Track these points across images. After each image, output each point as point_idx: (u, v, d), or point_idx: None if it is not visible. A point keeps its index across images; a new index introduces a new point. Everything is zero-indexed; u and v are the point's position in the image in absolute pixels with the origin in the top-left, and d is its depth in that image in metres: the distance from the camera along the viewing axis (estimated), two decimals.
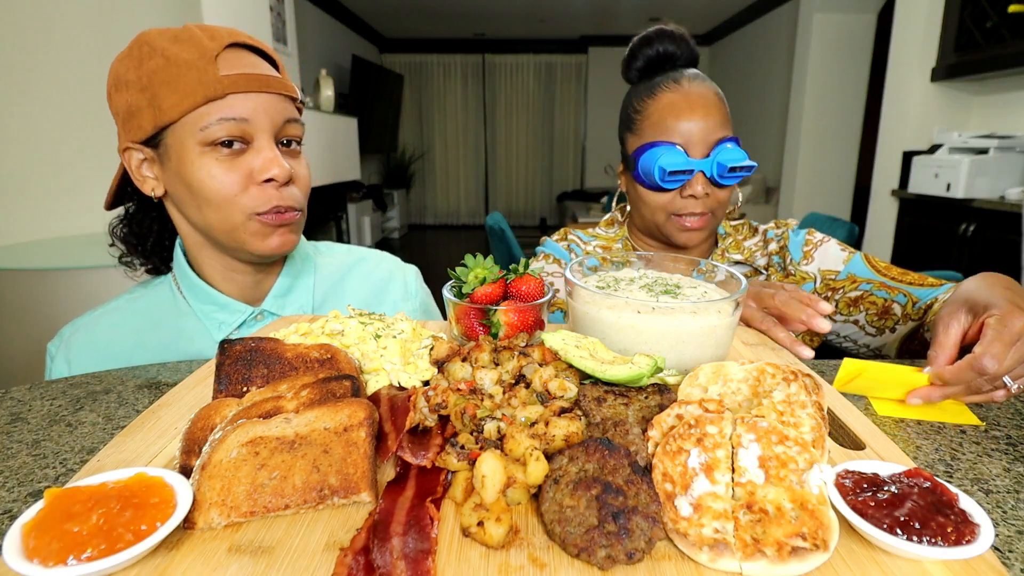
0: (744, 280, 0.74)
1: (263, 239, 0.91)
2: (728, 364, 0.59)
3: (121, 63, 0.87)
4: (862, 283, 1.16)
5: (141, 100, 0.84)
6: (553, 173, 10.67)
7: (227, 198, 0.86)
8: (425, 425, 0.55)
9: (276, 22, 4.10)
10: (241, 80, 0.84)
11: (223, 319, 0.99)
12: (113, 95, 0.88)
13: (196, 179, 0.85)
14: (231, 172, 0.86)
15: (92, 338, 0.99)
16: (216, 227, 0.89)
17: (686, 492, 0.44)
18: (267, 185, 0.88)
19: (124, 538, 0.40)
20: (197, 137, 0.84)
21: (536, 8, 8.00)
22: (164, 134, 0.85)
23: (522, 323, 0.72)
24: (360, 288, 1.13)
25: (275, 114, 0.88)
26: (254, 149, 0.87)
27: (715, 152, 1.10)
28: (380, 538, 0.42)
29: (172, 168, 0.87)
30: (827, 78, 5.68)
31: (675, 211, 1.15)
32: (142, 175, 0.91)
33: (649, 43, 1.19)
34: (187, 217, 0.93)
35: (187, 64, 0.82)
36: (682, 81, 1.13)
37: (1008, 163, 3.34)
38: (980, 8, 3.45)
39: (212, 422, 0.52)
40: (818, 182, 5.86)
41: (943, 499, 0.44)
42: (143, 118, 0.85)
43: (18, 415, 0.73)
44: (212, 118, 0.83)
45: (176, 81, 0.82)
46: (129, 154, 0.89)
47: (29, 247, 2.79)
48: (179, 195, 0.90)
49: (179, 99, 0.82)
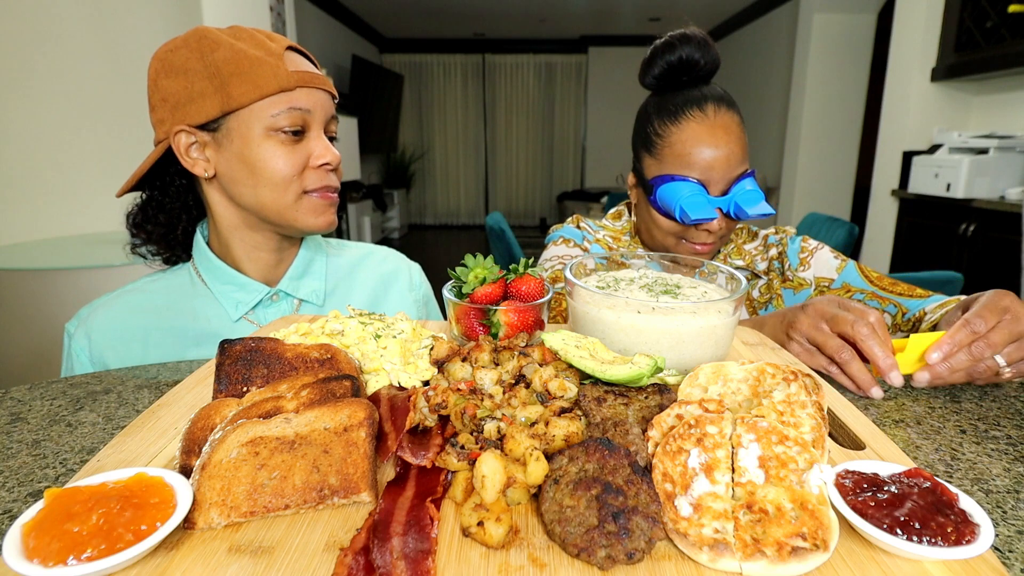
0: (744, 280, 0.74)
1: (316, 216, 1.01)
2: (728, 364, 0.59)
3: (176, 52, 0.93)
4: (856, 292, 1.17)
5: (207, 86, 0.91)
6: (553, 173, 10.67)
7: (286, 178, 0.96)
8: (425, 425, 0.55)
9: (276, 22, 4.10)
10: (306, 76, 0.95)
11: (240, 298, 1.04)
12: (161, 81, 0.94)
13: (260, 160, 0.94)
14: (292, 156, 0.95)
15: (111, 316, 1.02)
16: (269, 204, 0.97)
17: (686, 492, 0.44)
18: (321, 168, 0.99)
19: (124, 538, 0.40)
20: (266, 122, 0.93)
21: (536, 8, 8.00)
22: (228, 119, 0.93)
23: (522, 323, 0.72)
24: (368, 278, 1.20)
25: (327, 109, 1.00)
26: (309, 137, 0.98)
27: (734, 190, 1.09)
28: (380, 538, 0.42)
29: (233, 150, 0.94)
30: (827, 78, 5.68)
31: (687, 238, 1.15)
32: (191, 157, 0.96)
33: (671, 48, 1.13)
34: (235, 197, 0.99)
35: (257, 59, 0.92)
36: (707, 108, 1.10)
37: (1008, 163, 3.35)
38: (980, 8, 3.45)
39: (212, 422, 0.52)
40: (818, 182, 5.86)
41: (943, 499, 0.44)
42: (207, 103, 0.92)
43: (18, 415, 0.73)
44: (283, 107, 0.93)
45: (249, 72, 0.91)
46: (179, 137, 0.94)
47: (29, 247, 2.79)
48: (235, 175, 0.96)
49: (252, 88, 0.91)
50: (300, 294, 1.09)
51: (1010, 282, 2.93)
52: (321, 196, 1.00)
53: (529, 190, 10.81)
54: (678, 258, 0.87)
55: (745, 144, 1.12)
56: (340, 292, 1.15)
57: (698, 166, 1.09)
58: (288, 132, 0.94)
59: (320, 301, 1.11)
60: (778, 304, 1.26)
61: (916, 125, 4.00)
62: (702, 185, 1.09)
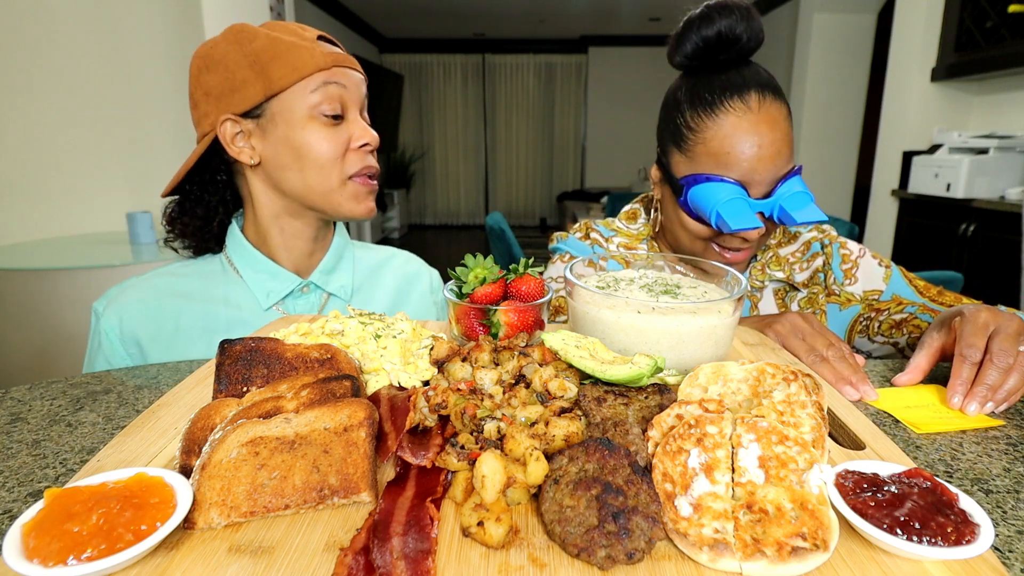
0: (744, 279, 0.74)
1: (357, 202, 1.04)
2: (728, 364, 0.59)
3: (215, 47, 0.97)
4: (908, 306, 1.07)
5: (248, 74, 0.95)
6: (553, 173, 10.67)
7: (331, 160, 0.99)
8: (425, 425, 0.55)
9: None
10: (339, 57, 1.00)
11: (272, 287, 1.06)
12: (203, 75, 0.98)
13: (305, 142, 0.97)
14: (334, 138, 0.98)
15: (143, 296, 1.04)
16: (315, 187, 1.00)
17: (686, 492, 0.44)
18: (362, 150, 1.02)
19: (124, 538, 0.40)
20: (307, 102, 0.96)
21: (536, 8, 7.99)
22: (270, 103, 0.96)
23: (522, 323, 0.72)
24: (392, 278, 1.23)
25: (361, 90, 1.05)
26: (349, 120, 1.01)
27: (779, 191, 0.96)
28: (380, 538, 0.42)
29: (278, 134, 0.97)
30: (827, 78, 5.68)
31: (720, 243, 1.02)
32: (237, 146, 0.99)
33: (708, 21, 0.96)
34: (280, 183, 1.01)
35: (293, 44, 0.96)
36: (750, 98, 0.95)
37: (1008, 163, 3.35)
38: (980, 8, 3.45)
39: (212, 422, 0.52)
40: (818, 182, 5.86)
41: (943, 499, 0.44)
42: (250, 90, 0.95)
43: (18, 415, 0.73)
44: (320, 83, 0.96)
45: (286, 56, 0.95)
46: (224, 126, 0.97)
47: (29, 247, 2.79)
48: (280, 160, 0.99)
49: (290, 70, 0.95)
50: (330, 288, 1.11)
51: (1010, 282, 2.93)
52: (362, 182, 1.03)
53: (529, 190, 10.81)
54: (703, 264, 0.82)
55: (792, 140, 0.98)
56: (366, 290, 1.17)
57: (738, 166, 0.95)
58: (328, 116, 0.97)
59: (348, 296, 1.13)
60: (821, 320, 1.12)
61: (916, 125, 4.00)
62: (742, 187, 0.95)
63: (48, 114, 3.07)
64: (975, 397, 0.72)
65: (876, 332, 1.11)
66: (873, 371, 0.88)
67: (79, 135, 3.17)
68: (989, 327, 0.76)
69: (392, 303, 1.19)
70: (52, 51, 3.03)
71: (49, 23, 3.01)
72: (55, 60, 3.05)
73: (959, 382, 0.74)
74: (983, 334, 0.76)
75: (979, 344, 0.75)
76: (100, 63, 3.18)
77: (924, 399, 0.76)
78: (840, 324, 1.15)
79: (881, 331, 1.10)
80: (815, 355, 0.81)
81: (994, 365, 0.73)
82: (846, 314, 1.14)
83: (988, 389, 0.72)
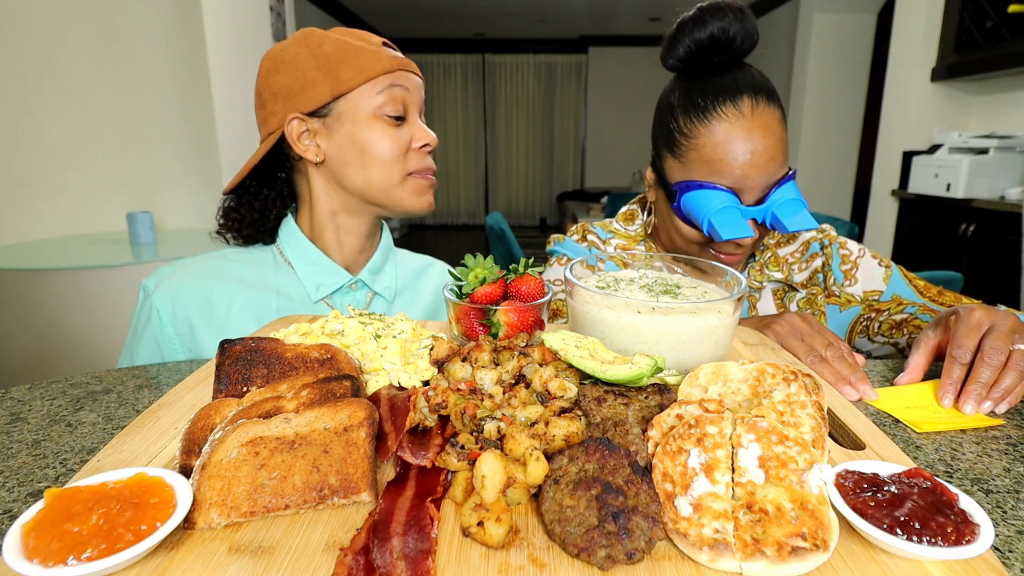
0: (744, 279, 0.74)
1: (419, 196, 1.08)
2: (728, 364, 0.59)
3: (286, 49, 1.02)
4: (908, 306, 1.07)
5: (317, 75, 0.99)
6: (553, 173, 10.67)
7: (394, 157, 1.02)
8: (425, 425, 0.55)
9: (276, 22, 4.10)
10: (403, 62, 1.04)
11: (323, 280, 1.09)
12: (272, 77, 1.02)
13: (369, 140, 1.01)
14: (396, 138, 1.03)
15: (197, 277, 1.05)
16: (377, 183, 1.04)
17: (686, 492, 0.44)
18: (422, 150, 1.06)
19: (124, 538, 0.40)
20: (373, 103, 1.00)
21: (536, 8, 7.99)
22: (337, 103, 1.00)
23: (522, 323, 0.72)
24: (432, 286, 1.25)
25: (421, 94, 1.09)
26: (409, 122, 1.06)
27: (772, 198, 0.95)
28: (380, 538, 0.42)
29: (344, 132, 1.01)
30: (827, 78, 5.68)
31: (714, 248, 1.02)
32: (304, 144, 1.03)
33: (701, 24, 0.95)
34: (343, 180, 1.05)
35: (361, 48, 1.00)
36: (743, 104, 0.94)
37: (1008, 163, 3.35)
38: (980, 8, 3.45)
39: (212, 422, 0.52)
40: (818, 182, 5.86)
41: (943, 499, 0.44)
42: (318, 89, 0.99)
43: (18, 415, 0.73)
44: (384, 84, 1.01)
45: (354, 59, 0.99)
46: (292, 125, 1.01)
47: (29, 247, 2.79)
48: (345, 157, 1.03)
49: (358, 71, 0.99)
50: (376, 287, 1.15)
51: (1010, 282, 2.93)
52: (423, 177, 1.07)
53: (529, 190, 10.81)
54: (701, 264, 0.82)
55: (786, 144, 0.97)
56: (407, 295, 1.20)
57: (731, 173, 0.94)
58: (391, 117, 1.01)
59: (391, 298, 1.17)
60: (820, 321, 1.12)
61: (916, 125, 4.00)
62: (734, 194, 0.95)
63: (48, 114, 3.07)
64: (970, 396, 0.72)
65: (876, 332, 1.10)
66: (873, 371, 0.88)
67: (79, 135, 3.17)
68: (983, 326, 0.76)
69: (431, 310, 1.21)
70: (52, 51, 3.03)
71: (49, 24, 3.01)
72: (55, 60, 3.05)
73: (948, 382, 0.75)
74: (975, 333, 0.76)
75: (969, 344, 0.75)
76: (100, 64, 3.18)
77: (924, 398, 0.76)
78: (840, 325, 1.15)
79: (881, 331, 1.09)
80: (814, 355, 0.81)
81: (986, 363, 0.73)
82: (846, 315, 1.14)
83: (982, 387, 0.72)
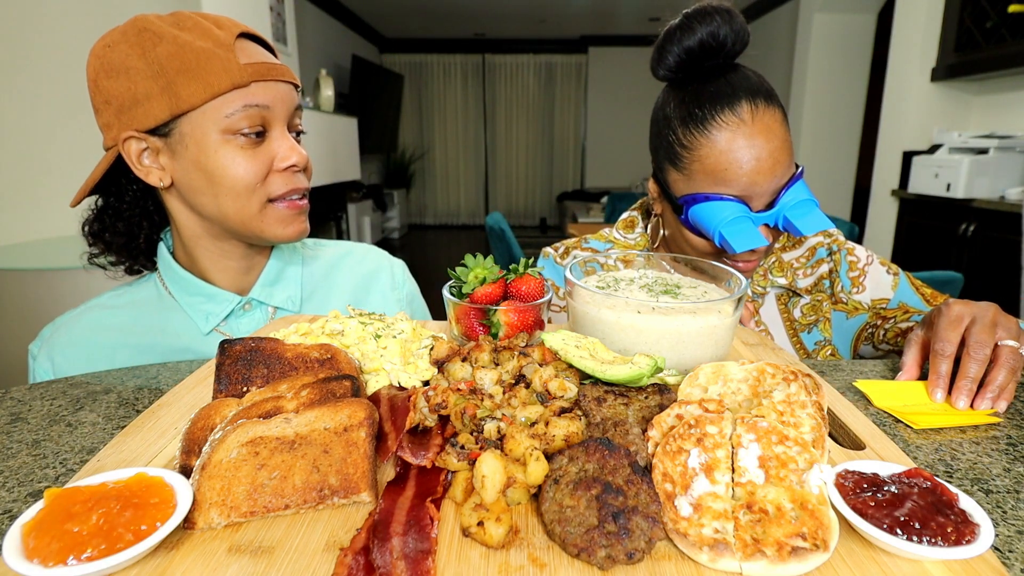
0: (744, 279, 0.74)
1: (284, 226, 0.93)
2: (728, 364, 0.59)
3: (114, 49, 0.83)
4: (914, 314, 1.05)
5: (152, 87, 0.82)
6: (553, 173, 10.68)
7: (249, 186, 0.87)
8: (425, 425, 0.55)
9: (276, 22, 4.10)
10: (262, 69, 0.86)
11: (210, 310, 0.98)
12: (102, 82, 0.84)
13: (219, 167, 0.85)
14: (253, 160, 0.87)
15: (73, 336, 0.97)
16: (232, 216, 0.90)
17: (686, 492, 0.44)
18: (287, 171, 0.91)
19: (124, 538, 0.40)
20: (221, 124, 0.84)
21: (536, 8, 7.99)
22: (179, 122, 0.84)
23: (522, 323, 0.72)
24: (348, 279, 1.13)
25: (289, 103, 0.91)
26: (272, 137, 0.89)
27: (782, 201, 0.93)
28: (380, 538, 0.42)
29: (189, 157, 0.86)
30: (827, 78, 5.68)
31: (727, 257, 0.99)
32: (144, 165, 0.88)
33: (688, 31, 0.92)
34: (195, 207, 0.91)
35: (205, 52, 0.82)
36: (742, 110, 0.91)
37: (1008, 163, 3.35)
38: (980, 8, 3.45)
39: (212, 422, 0.52)
40: (818, 182, 5.86)
41: (943, 499, 0.44)
42: (155, 106, 0.83)
43: (18, 415, 0.73)
44: (237, 105, 0.84)
45: (197, 69, 0.81)
46: (128, 144, 0.86)
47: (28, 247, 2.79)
48: (193, 184, 0.88)
49: (202, 87, 0.82)
50: (274, 301, 1.02)
51: (1010, 282, 2.93)
52: (288, 206, 0.92)
53: (529, 190, 10.81)
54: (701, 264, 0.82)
55: (790, 144, 0.94)
56: (319, 296, 1.08)
57: (737, 182, 0.91)
58: (248, 134, 0.86)
59: (296, 307, 1.04)
60: (824, 327, 1.12)
61: (916, 125, 4.00)
62: (743, 203, 0.92)
63: (47, 114, 3.07)
64: (961, 392, 0.72)
65: (881, 340, 1.09)
66: (873, 371, 0.88)
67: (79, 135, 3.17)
68: (963, 319, 0.76)
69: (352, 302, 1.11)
70: (50, 50, 3.03)
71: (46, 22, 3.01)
72: (53, 59, 3.05)
73: (936, 377, 0.75)
74: (957, 327, 0.76)
75: (951, 338, 0.75)
76: None
77: (918, 396, 0.77)
78: (846, 332, 1.13)
79: (886, 339, 1.08)
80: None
81: (972, 358, 0.73)
82: (852, 322, 1.12)
83: (971, 381, 0.72)
